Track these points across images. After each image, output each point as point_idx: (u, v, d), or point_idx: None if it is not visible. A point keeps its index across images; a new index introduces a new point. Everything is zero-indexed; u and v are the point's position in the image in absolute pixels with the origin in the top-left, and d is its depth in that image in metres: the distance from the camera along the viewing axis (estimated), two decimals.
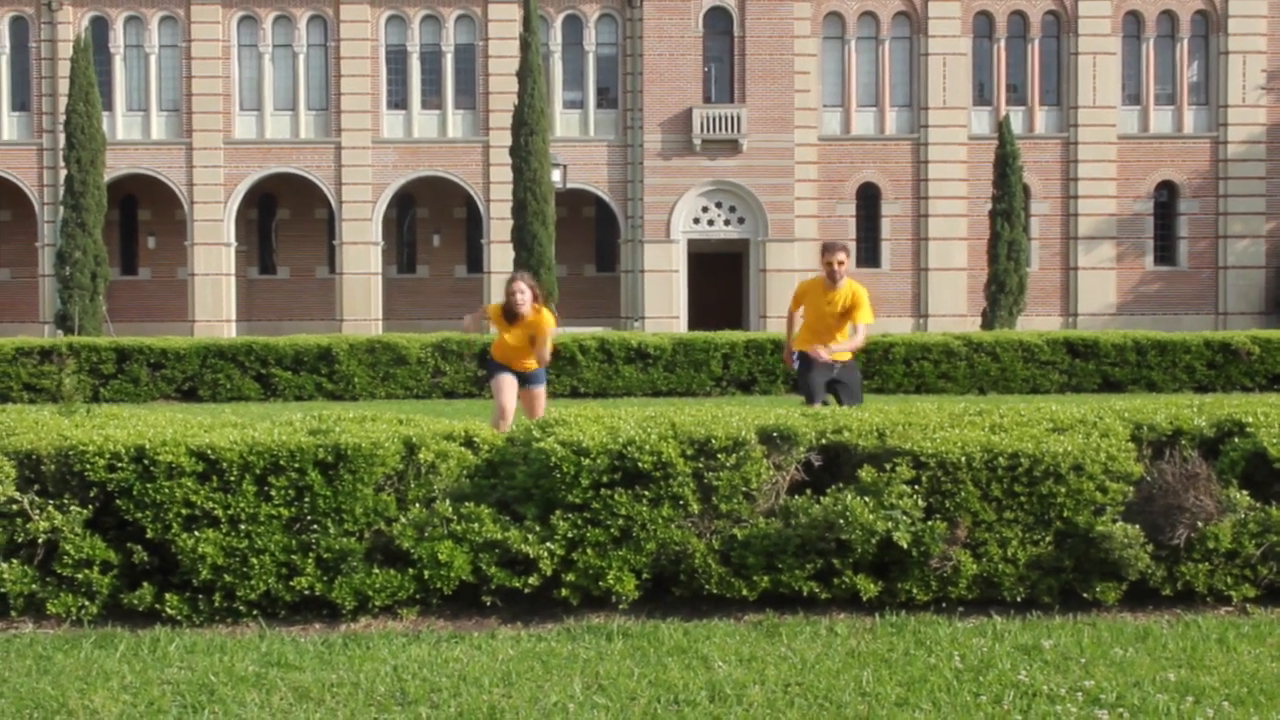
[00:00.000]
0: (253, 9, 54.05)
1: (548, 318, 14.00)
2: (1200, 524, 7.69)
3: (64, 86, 49.83)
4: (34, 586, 7.59)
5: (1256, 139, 54.90)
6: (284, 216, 56.77)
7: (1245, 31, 54.92)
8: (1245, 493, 7.82)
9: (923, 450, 7.74)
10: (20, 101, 54.40)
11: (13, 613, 7.66)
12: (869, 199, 54.83)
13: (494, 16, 53.87)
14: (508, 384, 14.05)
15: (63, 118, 48.10)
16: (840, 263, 13.52)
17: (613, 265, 56.01)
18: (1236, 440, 7.99)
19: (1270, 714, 5.87)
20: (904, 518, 7.58)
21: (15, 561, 7.59)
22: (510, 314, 13.91)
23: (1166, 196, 55.65)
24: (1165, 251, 55.70)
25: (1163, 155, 55.27)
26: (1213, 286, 54.82)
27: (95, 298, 46.10)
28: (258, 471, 7.63)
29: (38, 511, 7.61)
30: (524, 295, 13.86)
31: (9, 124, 54.34)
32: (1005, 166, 48.59)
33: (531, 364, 14.18)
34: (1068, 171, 54.95)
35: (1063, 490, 7.70)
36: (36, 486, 7.69)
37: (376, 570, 7.65)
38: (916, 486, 7.69)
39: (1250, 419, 8.06)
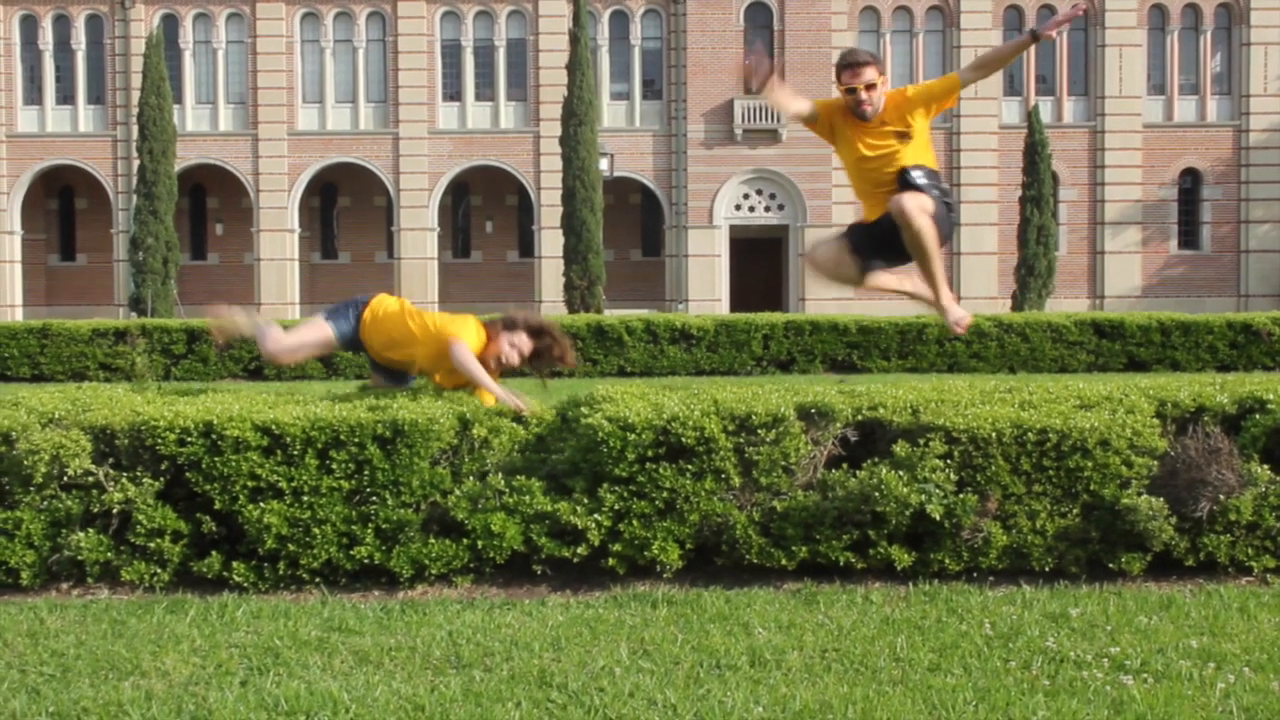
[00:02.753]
0: (315, 6, 54.17)
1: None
2: (1222, 497, 7.65)
3: (136, 81, 50.09)
4: (109, 555, 7.64)
5: (1277, 127, 54.45)
6: (344, 204, 56.95)
7: (1267, 24, 54.46)
8: (1266, 467, 7.77)
9: (955, 426, 7.70)
10: (95, 95, 54.71)
11: (89, 579, 7.71)
12: None
13: (544, 12, 53.85)
14: None
15: (136, 111, 48.30)
16: (869, 87, 7.80)
17: (658, 250, 55.97)
18: (1257, 416, 7.93)
19: None
20: (937, 491, 7.55)
21: (91, 531, 7.63)
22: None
23: (1190, 183, 55.28)
24: (1189, 236, 55.37)
25: (1186, 143, 54.89)
26: (1234, 270, 54.46)
27: (167, 282, 46.34)
28: (319, 446, 7.65)
29: (112, 483, 7.65)
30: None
31: (85, 117, 54.66)
32: (1034, 155, 48.37)
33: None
34: (1095, 159, 54.63)
35: (1090, 464, 7.66)
36: (111, 460, 7.73)
37: (432, 540, 7.67)
38: (949, 461, 7.66)
39: (1270, 396, 7.99)
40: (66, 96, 54.75)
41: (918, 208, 7.67)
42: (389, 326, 8.66)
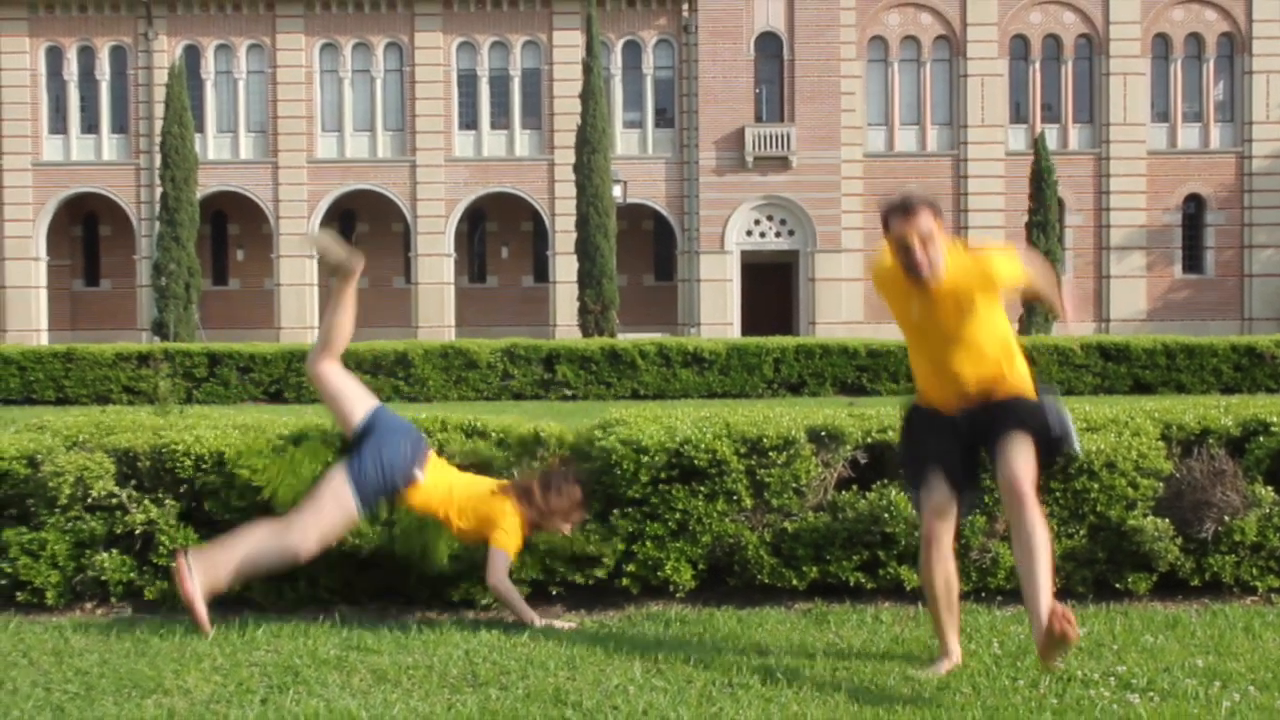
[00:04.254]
0: (334, 37, 54.40)
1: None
2: (1227, 518, 7.63)
3: (159, 110, 50.33)
4: (132, 575, 7.65)
5: (1279, 154, 54.43)
6: (363, 230, 57.06)
7: (1269, 52, 54.54)
8: (1270, 488, 7.76)
9: None
10: (119, 124, 54.98)
11: (113, 599, 7.72)
12: None
13: (558, 42, 54.05)
14: None
15: (158, 139, 48.52)
16: (925, 239, 6.11)
17: (670, 275, 56.04)
18: (1261, 439, 7.91)
19: None
20: None
21: (115, 551, 7.64)
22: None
23: (1194, 209, 55.31)
24: (1193, 261, 55.39)
25: (1190, 170, 54.93)
26: (1238, 293, 54.45)
27: (188, 306, 46.48)
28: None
29: (135, 505, 7.67)
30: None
31: (109, 145, 54.93)
32: (1040, 181, 48.43)
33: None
34: (1100, 185, 54.68)
35: (1096, 486, 7.65)
36: (134, 482, 7.74)
37: (449, 563, 7.66)
38: None
39: (1274, 418, 7.98)
40: (91, 126, 55.02)
41: (1031, 481, 5.88)
42: (428, 503, 7.36)
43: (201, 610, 6.90)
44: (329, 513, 7.07)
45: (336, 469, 7.23)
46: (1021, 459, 5.89)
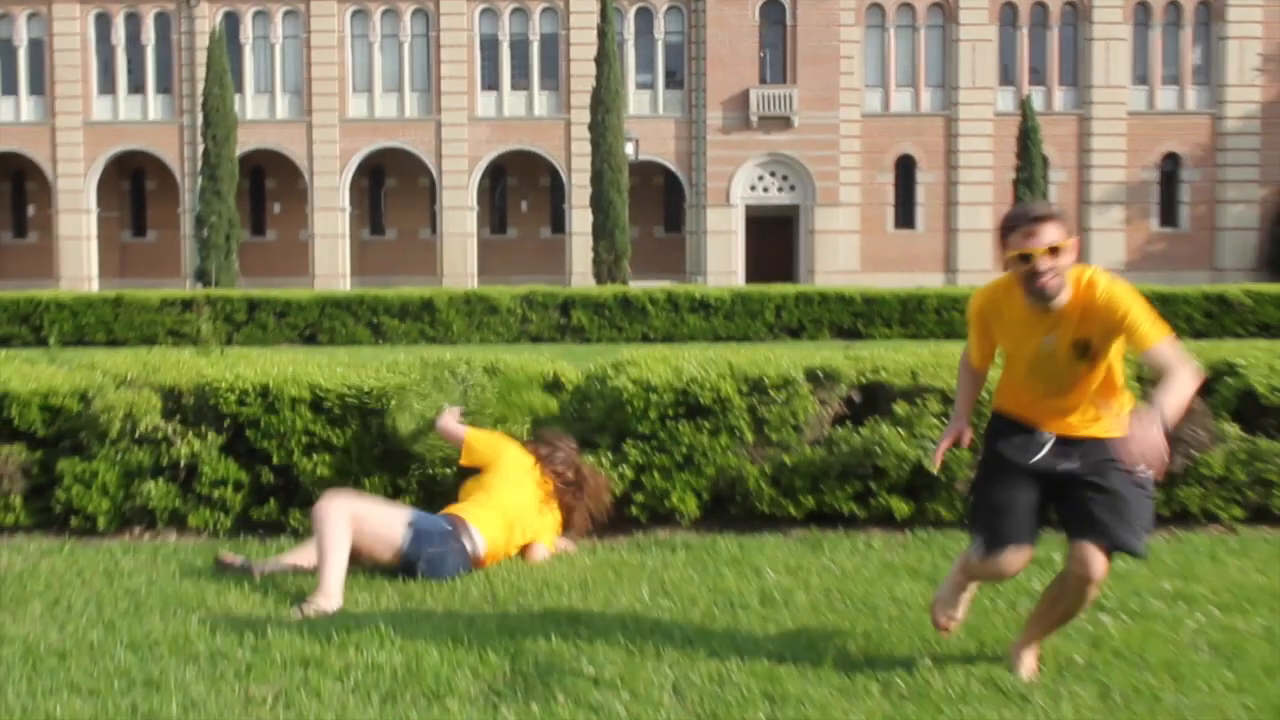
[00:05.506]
0: (364, 3, 54.16)
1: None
2: (1195, 453, 7.66)
3: (201, 73, 50.04)
4: (177, 503, 7.69)
5: (1252, 115, 54.22)
6: (391, 185, 56.97)
7: (1243, 19, 54.19)
8: (1236, 426, 7.78)
9: (950, 387, 7.72)
10: (164, 86, 54.81)
11: (159, 525, 7.77)
12: (906, 168, 54.53)
13: (575, 9, 53.74)
14: None
15: (200, 100, 48.27)
16: (1053, 249, 4.89)
17: (679, 227, 55.90)
18: (1229, 380, 7.92)
19: (1253, 618, 5.85)
20: (933, 446, 7.57)
21: (161, 481, 7.68)
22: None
23: (1171, 166, 55.03)
24: (1168, 215, 55.17)
25: (1167, 129, 54.63)
26: (1210, 246, 54.25)
27: (229, 256, 46.43)
28: (357, 410, 7.70)
29: (179, 438, 7.71)
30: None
31: (154, 105, 54.79)
32: (1027, 140, 48.34)
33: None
34: (1082, 144, 54.41)
35: None
36: (178, 417, 7.78)
37: None
38: (945, 419, 7.67)
39: (1241, 361, 7.99)
40: (137, 87, 54.84)
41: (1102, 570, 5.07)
42: (495, 549, 6.94)
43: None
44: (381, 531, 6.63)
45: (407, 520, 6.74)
46: (1103, 559, 5.02)
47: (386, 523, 6.64)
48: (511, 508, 7.01)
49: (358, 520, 6.52)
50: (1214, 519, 7.82)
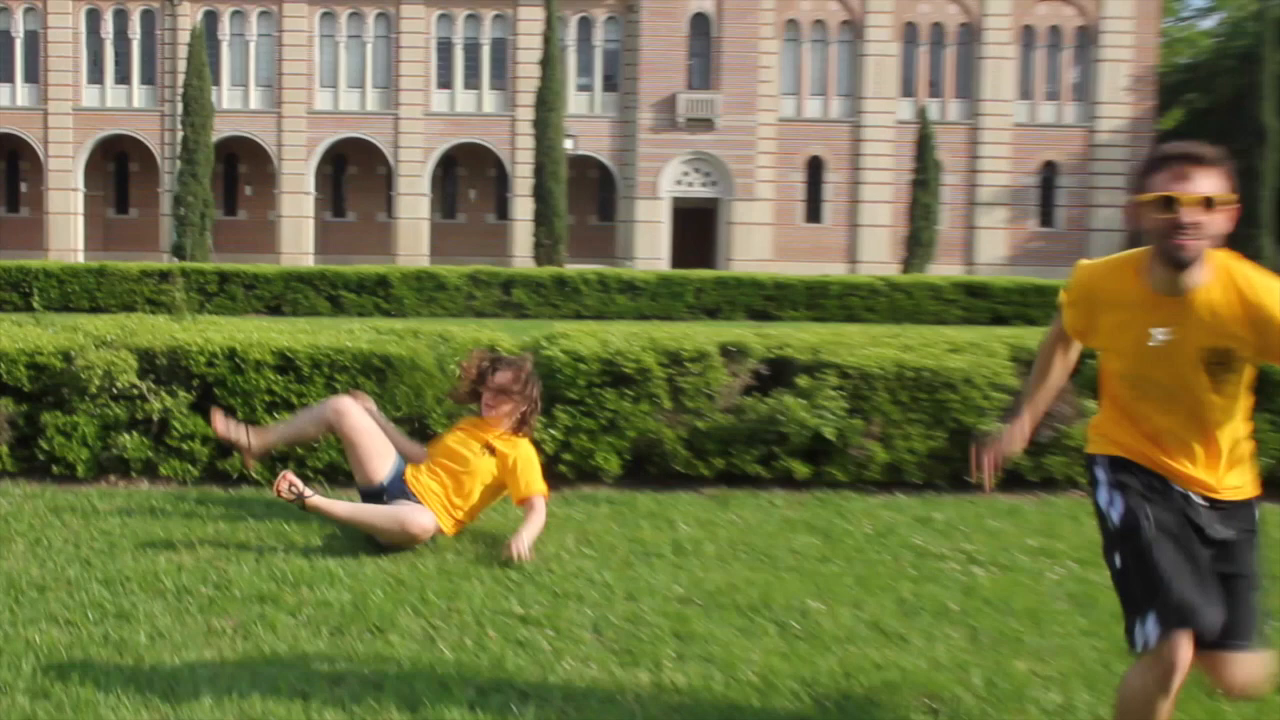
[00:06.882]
0: (331, 6, 53.70)
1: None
2: (1060, 426, 7.75)
3: (182, 66, 49.50)
4: (149, 454, 7.62)
5: (1121, 129, 54.90)
6: (352, 172, 56.56)
7: (1116, 44, 54.88)
8: (1095, 401, 7.86)
9: (847, 364, 7.77)
10: (148, 77, 54.16)
11: (133, 474, 7.69)
12: (815, 168, 54.77)
13: (522, 16, 53.55)
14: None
15: (181, 90, 47.82)
16: (1208, 201, 3.04)
17: (611, 216, 55.88)
18: (1090, 361, 8.02)
19: (1105, 572, 5.90)
20: (831, 416, 7.61)
21: (135, 434, 7.60)
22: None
23: (1049, 173, 55.62)
24: (1046, 216, 55.81)
25: (1047, 140, 55.22)
26: (1081, 244, 54.90)
27: (203, 233, 45.99)
28: (325, 370, 7.65)
29: (153, 395, 7.63)
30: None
31: (138, 94, 54.14)
32: (924, 146, 48.68)
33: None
34: (972, 151, 54.88)
35: (956, 398, 7.73)
36: (152, 376, 7.70)
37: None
38: (841, 392, 7.71)
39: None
40: (123, 77, 54.16)
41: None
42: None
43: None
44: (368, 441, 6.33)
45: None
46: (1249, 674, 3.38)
47: (380, 454, 6.31)
48: (475, 497, 6.31)
49: (369, 433, 6.32)
50: (1075, 485, 7.92)
